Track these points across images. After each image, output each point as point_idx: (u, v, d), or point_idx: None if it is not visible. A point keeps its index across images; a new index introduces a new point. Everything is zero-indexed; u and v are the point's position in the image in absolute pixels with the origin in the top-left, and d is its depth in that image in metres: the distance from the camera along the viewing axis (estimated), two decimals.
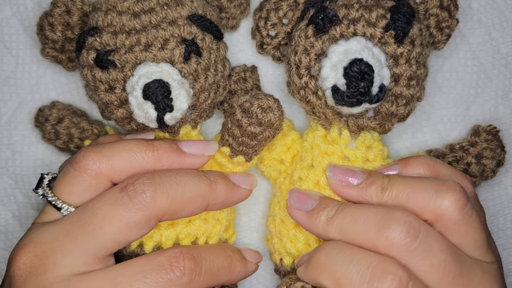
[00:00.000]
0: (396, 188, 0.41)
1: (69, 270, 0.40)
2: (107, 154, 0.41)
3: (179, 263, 0.40)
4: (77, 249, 0.40)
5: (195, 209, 0.42)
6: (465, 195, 0.40)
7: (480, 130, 0.49)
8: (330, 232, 0.41)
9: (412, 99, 0.43)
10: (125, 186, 0.40)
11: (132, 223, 0.40)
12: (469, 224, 0.40)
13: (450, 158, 0.48)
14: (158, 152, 0.42)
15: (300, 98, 0.44)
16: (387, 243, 0.38)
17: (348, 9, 0.42)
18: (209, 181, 0.42)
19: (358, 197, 0.42)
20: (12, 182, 0.51)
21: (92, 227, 0.40)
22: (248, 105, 0.42)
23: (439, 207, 0.39)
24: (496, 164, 0.49)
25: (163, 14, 0.42)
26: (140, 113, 0.42)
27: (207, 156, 0.44)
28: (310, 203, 0.43)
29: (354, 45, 0.41)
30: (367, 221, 0.39)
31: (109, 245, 0.40)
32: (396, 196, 0.41)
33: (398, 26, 0.42)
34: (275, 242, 0.46)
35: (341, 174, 0.43)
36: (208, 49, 0.43)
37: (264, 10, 0.47)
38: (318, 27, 0.43)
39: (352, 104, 0.41)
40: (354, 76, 0.41)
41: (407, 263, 0.38)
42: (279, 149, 0.47)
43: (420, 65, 0.43)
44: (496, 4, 0.50)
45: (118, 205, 0.40)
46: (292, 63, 0.44)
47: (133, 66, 0.42)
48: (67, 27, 0.46)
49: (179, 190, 0.41)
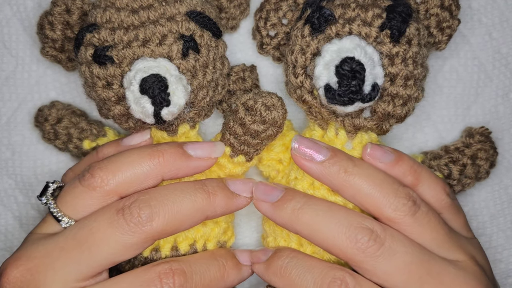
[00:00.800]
0: (358, 176, 0.42)
1: (60, 286, 0.40)
2: (114, 169, 0.41)
3: (169, 279, 0.40)
4: (69, 266, 0.40)
5: (193, 223, 0.42)
6: (418, 204, 0.42)
7: (473, 131, 0.49)
8: (298, 225, 0.41)
9: (409, 99, 0.43)
10: (121, 208, 0.40)
11: (129, 245, 0.40)
12: (423, 226, 0.41)
13: (446, 159, 0.48)
14: (164, 158, 0.42)
15: (296, 97, 0.44)
16: (355, 248, 0.40)
17: (344, 9, 0.42)
18: (207, 193, 0.42)
19: (318, 174, 0.42)
20: (12, 182, 0.51)
21: (88, 246, 0.40)
22: (252, 103, 0.42)
23: (393, 211, 0.41)
24: (490, 165, 0.49)
25: (162, 10, 0.43)
26: (137, 108, 0.42)
27: (213, 159, 0.43)
28: (276, 194, 0.43)
29: (347, 43, 0.41)
30: (338, 225, 0.41)
31: (103, 264, 0.40)
32: (355, 185, 0.42)
33: (394, 25, 0.42)
34: (270, 241, 0.46)
35: (306, 147, 0.43)
36: (206, 46, 0.43)
37: (264, 10, 0.47)
38: (314, 27, 0.43)
39: (344, 103, 0.41)
40: (345, 74, 0.41)
41: (373, 266, 0.40)
42: (278, 149, 0.47)
43: (417, 65, 0.43)
44: (497, 4, 0.50)
45: (114, 228, 0.40)
46: (289, 62, 0.44)
47: (131, 62, 0.42)
48: (67, 26, 0.46)
49: (175, 209, 0.41)
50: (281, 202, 0.42)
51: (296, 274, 0.42)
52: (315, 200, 0.42)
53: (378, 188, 0.41)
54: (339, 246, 0.40)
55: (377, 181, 0.42)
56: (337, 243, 0.40)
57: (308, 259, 0.43)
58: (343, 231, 0.40)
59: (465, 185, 0.49)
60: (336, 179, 0.42)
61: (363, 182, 0.41)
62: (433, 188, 0.44)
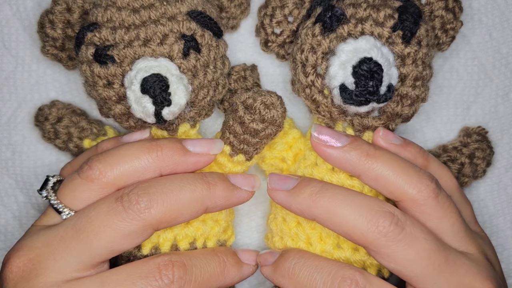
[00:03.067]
0: (380, 159, 0.41)
1: (60, 276, 0.40)
2: (112, 162, 0.41)
3: (168, 271, 0.40)
4: (69, 255, 0.40)
5: (193, 214, 0.42)
6: (439, 186, 0.42)
7: (470, 131, 0.50)
8: (316, 209, 0.41)
9: (417, 99, 0.44)
10: (120, 196, 0.40)
11: (127, 232, 0.40)
12: (444, 209, 0.41)
13: (444, 158, 0.49)
14: (162, 152, 0.42)
15: (305, 96, 0.44)
16: (376, 232, 0.39)
17: (355, 8, 0.43)
18: (207, 184, 0.42)
19: (340, 159, 0.42)
20: (12, 182, 0.51)
21: (86, 234, 0.40)
22: (251, 101, 0.42)
23: (418, 192, 0.41)
24: (486, 164, 0.50)
25: (163, 9, 0.43)
26: (138, 107, 0.42)
27: (212, 155, 0.43)
28: (291, 182, 0.43)
29: (364, 44, 0.41)
30: (358, 209, 0.40)
31: (102, 253, 0.40)
32: (377, 168, 0.41)
33: (406, 26, 0.42)
34: (276, 241, 0.46)
35: (326, 134, 0.43)
36: (207, 46, 0.43)
37: (269, 7, 0.47)
38: (325, 26, 0.43)
39: (360, 103, 0.41)
40: (364, 75, 0.41)
41: (394, 251, 0.39)
42: (281, 147, 0.47)
43: (426, 66, 0.43)
44: (497, 4, 0.50)
45: (113, 215, 0.40)
46: (298, 61, 0.44)
47: (132, 61, 0.42)
48: (67, 25, 0.46)
49: (173, 198, 0.41)
50: (297, 188, 0.42)
51: (305, 274, 0.41)
52: (332, 185, 0.42)
53: (401, 170, 0.41)
54: (359, 230, 0.40)
55: (399, 163, 0.42)
56: (358, 226, 0.40)
57: (316, 259, 0.42)
58: (364, 214, 0.40)
59: (463, 183, 0.49)
60: (357, 163, 0.42)
61: (385, 164, 0.41)
62: (441, 170, 0.45)
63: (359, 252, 0.44)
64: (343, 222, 0.40)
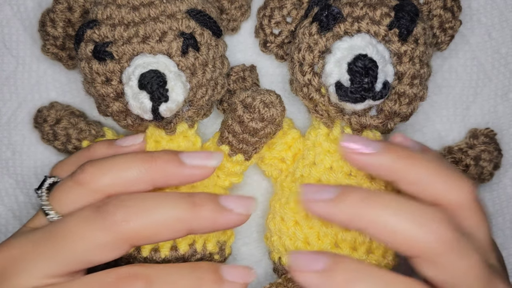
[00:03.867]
0: (419, 161, 0.39)
1: (32, 280, 0.39)
2: (104, 168, 0.41)
3: (126, 284, 0.38)
4: (40, 260, 0.39)
5: (174, 233, 0.39)
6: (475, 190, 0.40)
7: (478, 133, 0.49)
8: (366, 216, 0.38)
9: (415, 98, 0.44)
10: (99, 206, 0.39)
11: (101, 243, 0.38)
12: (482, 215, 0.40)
13: (449, 159, 0.48)
14: (156, 164, 0.41)
15: (303, 95, 0.44)
16: (433, 237, 0.37)
17: (352, 7, 0.43)
18: (192, 204, 0.39)
19: (374, 165, 0.40)
20: (12, 182, 0.51)
21: (59, 241, 0.39)
22: (250, 100, 0.42)
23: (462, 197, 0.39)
24: (494, 167, 0.49)
25: (162, 7, 0.43)
26: (135, 103, 0.42)
27: (210, 168, 0.42)
28: (331, 190, 0.39)
29: (359, 41, 0.42)
30: (413, 215, 0.37)
31: (76, 261, 0.39)
32: (416, 172, 0.39)
33: (403, 24, 0.42)
34: (274, 240, 0.46)
35: (357, 142, 0.40)
36: (206, 45, 0.44)
37: (268, 8, 0.47)
38: (322, 25, 0.43)
39: (355, 100, 0.41)
40: (358, 71, 0.41)
41: (450, 262, 0.37)
42: (280, 147, 0.47)
43: (423, 64, 0.43)
44: (496, 4, 0.50)
45: (89, 224, 0.38)
46: (296, 60, 0.44)
47: (130, 58, 0.42)
48: (68, 24, 0.46)
49: (152, 215, 0.39)
50: (341, 195, 0.38)
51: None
52: (378, 191, 0.40)
53: (443, 173, 0.39)
54: (415, 238, 0.37)
55: (440, 165, 0.40)
56: (414, 234, 0.37)
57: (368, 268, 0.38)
58: (420, 222, 0.37)
59: None
60: (394, 166, 0.39)
61: (425, 167, 0.39)
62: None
63: (357, 252, 0.44)
64: (397, 231, 0.37)
